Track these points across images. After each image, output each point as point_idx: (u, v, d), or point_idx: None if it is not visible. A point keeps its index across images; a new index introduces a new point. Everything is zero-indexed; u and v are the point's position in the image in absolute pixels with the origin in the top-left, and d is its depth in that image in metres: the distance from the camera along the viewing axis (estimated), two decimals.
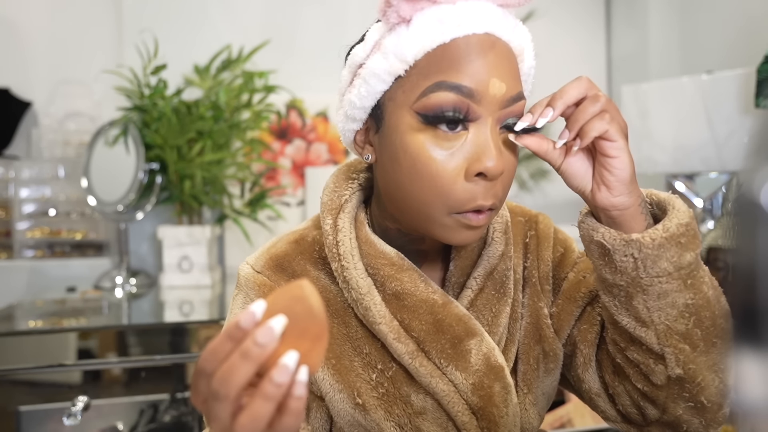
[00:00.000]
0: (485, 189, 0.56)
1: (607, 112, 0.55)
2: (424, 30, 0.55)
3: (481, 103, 0.55)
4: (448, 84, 0.54)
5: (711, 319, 0.58)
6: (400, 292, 0.62)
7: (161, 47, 1.78)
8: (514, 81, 0.57)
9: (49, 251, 2.02)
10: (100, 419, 1.30)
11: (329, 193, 0.66)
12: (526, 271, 0.71)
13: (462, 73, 0.54)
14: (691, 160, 1.92)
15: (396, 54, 0.56)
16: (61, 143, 2.04)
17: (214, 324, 1.36)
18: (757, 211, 0.29)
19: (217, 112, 1.82)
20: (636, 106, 2.05)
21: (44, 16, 2.09)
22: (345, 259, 0.62)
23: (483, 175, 0.55)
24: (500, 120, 0.57)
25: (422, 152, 0.56)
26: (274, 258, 0.68)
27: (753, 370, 0.30)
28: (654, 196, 0.62)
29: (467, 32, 0.55)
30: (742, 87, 1.79)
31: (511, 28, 0.57)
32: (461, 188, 0.56)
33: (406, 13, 0.55)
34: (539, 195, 2.44)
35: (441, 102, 0.55)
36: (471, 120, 0.56)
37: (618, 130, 0.55)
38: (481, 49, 0.55)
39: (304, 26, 2.19)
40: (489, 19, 0.56)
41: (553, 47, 2.47)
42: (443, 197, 0.56)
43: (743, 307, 0.30)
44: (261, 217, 2.00)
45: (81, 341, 1.30)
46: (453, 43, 0.55)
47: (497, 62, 0.55)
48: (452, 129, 0.56)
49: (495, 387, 0.62)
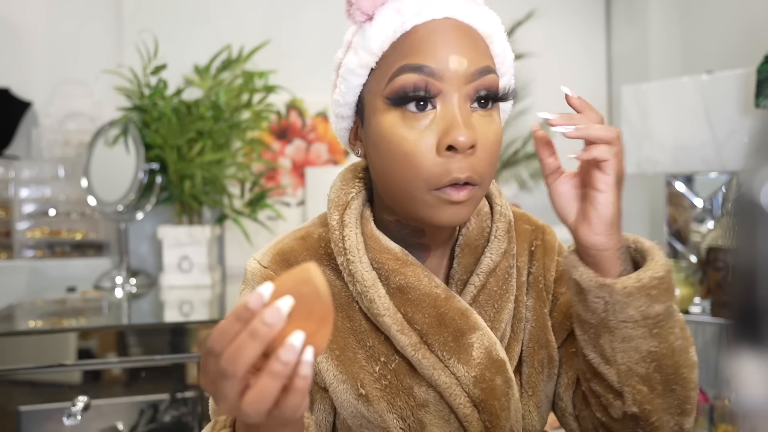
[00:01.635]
0: (459, 162, 0.58)
1: (615, 147, 0.57)
2: (386, 22, 0.59)
3: (444, 79, 0.57)
4: (409, 66, 0.58)
5: (673, 367, 0.60)
6: (404, 286, 0.63)
7: (161, 47, 1.78)
8: (477, 56, 0.59)
9: (49, 251, 2.02)
10: (100, 419, 1.30)
11: (336, 190, 0.68)
12: (531, 276, 0.72)
13: (422, 54, 0.58)
14: (691, 160, 1.92)
15: (364, 48, 0.60)
16: (61, 143, 2.04)
17: (214, 324, 1.36)
18: (757, 211, 0.29)
19: (217, 112, 1.82)
20: (636, 106, 2.05)
21: (44, 16, 2.09)
22: (351, 253, 0.64)
23: (453, 148, 0.57)
24: (468, 95, 0.59)
25: (395, 133, 0.59)
26: (280, 253, 0.69)
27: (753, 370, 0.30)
28: (639, 243, 0.64)
29: (426, 19, 0.58)
30: (742, 87, 1.78)
31: (472, 12, 0.60)
32: (434, 163, 0.58)
33: (368, 9, 0.59)
34: (539, 195, 2.44)
35: (404, 83, 0.58)
36: (436, 96, 0.58)
37: (615, 167, 0.57)
38: (439, 31, 0.58)
39: (304, 26, 2.19)
40: (447, 4, 0.59)
41: (553, 47, 2.47)
42: (420, 174, 0.58)
43: (743, 307, 0.30)
44: (261, 217, 2.00)
45: (81, 341, 1.30)
46: (413, 30, 0.59)
47: (456, 41, 0.58)
48: (421, 109, 0.58)
49: (497, 380, 0.63)
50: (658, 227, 2.31)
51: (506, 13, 2.52)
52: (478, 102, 0.60)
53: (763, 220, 0.29)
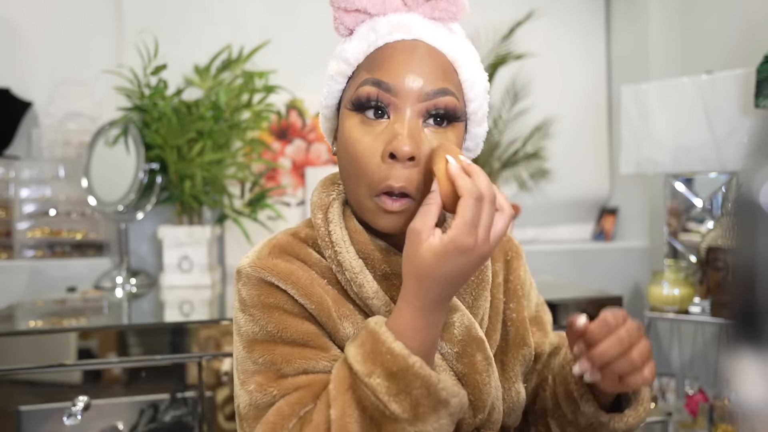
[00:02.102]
0: (397, 170, 0.62)
1: (651, 363, 0.63)
2: (362, 37, 0.66)
3: (399, 95, 0.63)
4: (371, 80, 0.64)
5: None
6: (389, 273, 0.67)
7: (161, 47, 1.78)
8: (434, 77, 0.64)
9: (49, 251, 2.02)
10: (100, 419, 1.30)
11: (318, 193, 0.73)
12: (511, 284, 0.79)
13: (384, 70, 0.64)
14: (691, 160, 1.92)
15: (343, 58, 0.67)
16: (62, 143, 2.05)
17: (214, 324, 1.36)
18: (757, 211, 0.29)
19: (217, 112, 1.82)
20: (636, 106, 2.05)
21: (44, 16, 2.09)
22: (337, 245, 0.67)
23: (394, 156, 0.61)
24: (422, 112, 0.63)
25: (351, 135, 0.65)
26: (277, 246, 0.70)
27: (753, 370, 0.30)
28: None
29: (396, 38, 0.65)
30: (741, 87, 1.78)
31: (442, 38, 0.66)
32: (376, 168, 0.63)
33: (350, 25, 0.67)
34: (539, 195, 2.44)
35: (364, 94, 0.64)
36: (390, 109, 0.64)
37: (651, 379, 0.63)
38: (403, 51, 0.64)
39: (304, 26, 2.19)
40: (417, 28, 0.65)
41: (553, 47, 2.47)
42: (363, 177, 0.63)
43: (743, 307, 0.30)
44: (261, 217, 2.00)
45: (81, 341, 1.30)
46: (384, 47, 0.65)
47: (417, 62, 0.64)
48: (378, 116, 0.64)
49: (477, 356, 0.68)
50: (658, 227, 2.31)
51: (506, 13, 2.53)
52: (433, 119, 0.64)
53: (763, 220, 0.29)
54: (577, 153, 2.57)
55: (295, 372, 0.63)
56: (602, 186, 2.63)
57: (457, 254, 0.55)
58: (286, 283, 0.65)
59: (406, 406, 0.55)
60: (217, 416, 1.36)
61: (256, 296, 0.66)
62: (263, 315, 0.65)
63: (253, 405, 0.62)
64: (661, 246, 2.21)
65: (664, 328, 2.30)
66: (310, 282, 0.66)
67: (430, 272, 0.56)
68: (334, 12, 0.67)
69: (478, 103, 0.68)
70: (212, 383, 1.35)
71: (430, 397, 0.55)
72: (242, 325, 0.66)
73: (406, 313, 0.57)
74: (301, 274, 0.67)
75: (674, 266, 1.97)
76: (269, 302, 0.65)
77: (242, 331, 0.66)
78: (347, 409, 0.56)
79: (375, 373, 0.55)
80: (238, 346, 0.66)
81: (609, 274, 2.36)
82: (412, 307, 0.57)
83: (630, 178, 2.46)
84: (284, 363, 0.63)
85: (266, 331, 0.64)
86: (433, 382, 0.55)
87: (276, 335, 0.64)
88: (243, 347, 0.65)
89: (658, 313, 1.94)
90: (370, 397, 0.55)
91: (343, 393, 0.57)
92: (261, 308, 0.65)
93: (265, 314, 0.65)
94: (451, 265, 0.56)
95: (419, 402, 0.55)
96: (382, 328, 0.58)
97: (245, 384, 0.64)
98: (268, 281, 0.66)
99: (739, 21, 2.07)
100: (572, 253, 2.38)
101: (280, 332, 0.64)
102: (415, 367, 0.55)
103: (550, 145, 2.38)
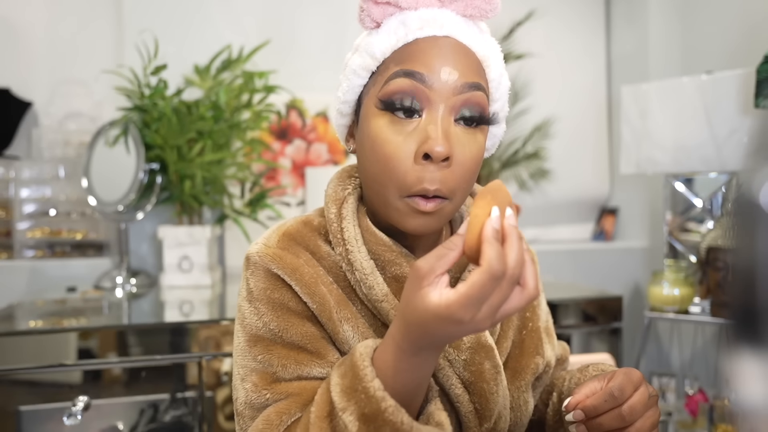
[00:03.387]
0: (431, 172, 0.60)
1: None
2: (391, 31, 0.63)
3: (433, 88, 0.61)
4: (404, 71, 0.61)
5: None
6: (399, 276, 0.66)
7: (161, 47, 1.78)
8: (469, 71, 0.62)
9: (49, 251, 2.02)
10: (100, 419, 1.30)
11: (333, 186, 0.72)
12: None
13: (417, 62, 0.61)
14: (691, 160, 1.92)
15: (368, 52, 0.64)
16: (62, 143, 2.04)
17: (214, 324, 1.36)
18: (757, 211, 0.29)
19: (217, 112, 1.82)
20: (636, 106, 2.05)
21: (44, 16, 2.09)
22: (349, 243, 0.66)
23: (429, 157, 0.60)
24: (455, 107, 0.61)
25: (380, 135, 0.62)
26: (287, 234, 0.70)
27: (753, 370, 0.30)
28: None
29: (428, 34, 0.62)
30: (741, 87, 1.78)
31: (473, 36, 0.64)
32: (410, 169, 0.61)
33: (377, 17, 0.64)
34: (539, 195, 2.44)
35: (398, 88, 0.61)
36: (424, 105, 0.61)
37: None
38: (437, 45, 0.62)
39: (304, 26, 2.19)
40: (449, 24, 0.63)
41: (553, 47, 2.47)
42: (394, 178, 0.61)
43: (743, 307, 0.30)
44: (261, 217, 2.00)
45: (81, 341, 1.30)
46: (414, 42, 0.63)
47: (451, 55, 0.62)
48: (408, 116, 0.62)
49: (485, 365, 0.66)
50: (658, 227, 2.31)
51: (506, 13, 2.53)
52: (464, 120, 0.62)
53: (763, 220, 0.29)
54: (577, 153, 2.57)
55: (289, 376, 0.64)
56: (602, 186, 2.63)
57: (448, 322, 0.50)
58: (290, 277, 0.66)
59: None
60: (217, 416, 1.36)
61: (263, 290, 0.66)
62: (268, 311, 0.65)
63: (249, 404, 0.64)
64: (661, 246, 2.21)
65: (664, 328, 2.30)
66: (314, 280, 0.66)
67: (417, 321, 0.51)
68: (362, 3, 0.64)
69: (501, 103, 0.68)
70: (212, 383, 1.35)
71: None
72: (246, 316, 0.66)
73: (390, 351, 0.54)
74: (306, 270, 0.66)
75: (674, 266, 1.97)
76: (275, 298, 0.66)
77: (246, 322, 0.66)
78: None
79: (348, 410, 0.54)
80: (240, 336, 0.67)
81: (609, 274, 2.36)
82: (396, 348, 0.54)
83: (630, 178, 2.47)
84: (280, 366, 0.64)
85: (269, 329, 0.65)
86: (405, 430, 0.53)
87: (277, 334, 0.65)
88: (245, 340, 0.66)
89: (658, 313, 1.94)
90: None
91: (321, 419, 0.56)
92: (267, 303, 0.65)
93: (270, 311, 0.65)
94: (440, 327, 0.50)
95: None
96: (364, 362, 0.55)
97: (244, 380, 0.65)
98: (274, 273, 0.66)
99: (739, 21, 2.07)
100: (572, 253, 2.38)
101: (281, 332, 0.65)
102: (386, 413, 0.53)
103: (550, 145, 2.38)
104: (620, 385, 0.60)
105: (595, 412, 0.61)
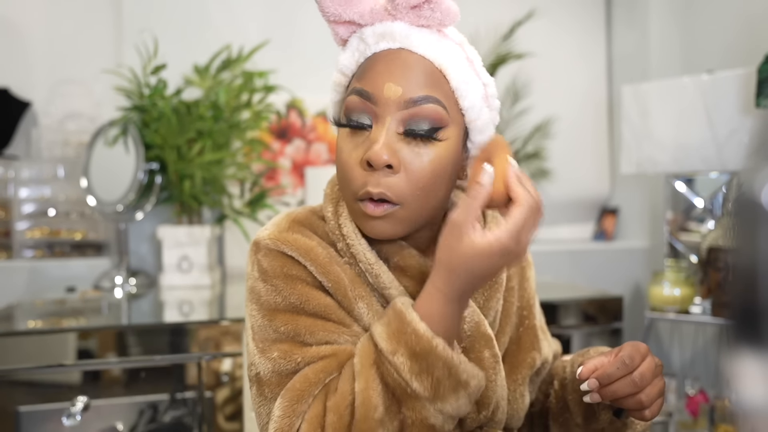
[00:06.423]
0: (375, 177, 0.63)
1: (659, 401, 0.66)
2: (354, 47, 0.67)
3: (378, 104, 0.64)
4: (355, 89, 0.65)
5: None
6: (402, 266, 0.69)
7: (161, 47, 1.78)
8: (416, 85, 0.64)
9: (48, 251, 2.02)
10: (99, 419, 1.30)
11: (331, 185, 0.74)
12: (524, 291, 0.80)
13: (365, 79, 0.65)
14: (691, 160, 1.92)
15: (339, 69, 0.69)
16: (61, 143, 2.04)
17: (213, 324, 1.36)
18: (757, 211, 0.29)
19: (217, 112, 1.82)
20: (636, 106, 2.04)
21: (44, 16, 2.09)
22: (349, 238, 0.68)
23: (371, 165, 0.63)
24: (403, 120, 0.64)
25: (339, 145, 0.67)
26: (296, 220, 0.72)
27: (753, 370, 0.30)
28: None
29: (383, 48, 0.65)
30: (742, 87, 1.78)
31: (429, 45, 0.65)
32: (357, 174, 0.64)
33: (344, 35, 0.68)
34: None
35: (351, 105, 0.65)
36: (373, 120, 0.65)
37: (654, 416, 0.66)
38: (386, 60, 0.65)
39: (304, 26, 2.19)
40: (402, 37, 0.65)
41: (553, 47, 2.47)
42: (347, 183, 0.66)
43: (743, 307, 0.30)
44: (261, 217, 2.00)
45: (81, 341, 1.30)
46: (371, 57, 0.66)
47: (399, 70, 0.64)
48: (361, 129, 0.66)
49: (485, 353, 0.68)
50: (659, 227, 2.31)
51: (506, 13, 2.53)
52: (412, 133, 0.64)
53: (763, 220, 0.29)
54: (577, 153, 2.57)
55: (317, 342, 0.64)
56: (602, 186, 2.63)
57: (499, 254, 0.58)
58: (305, 258, 0.67)
59: (427, 385, 0.57)
60: (216, 417, 1.36)
61: (279, 267, 0.67)
62: (286, 286, 0.66)
63: (276, 372, 0.63)
64: (662, 246, 2.21)
65: (664, 329, 2.30)
66: (329, 260, 0.67)
67: (464, 265, 0.58)
68: (328, 24, 0.67)
69: (477, 111, 0.67)
70: (212, 383, 1.35)
71: (450, 377, 0.58)
72: (263, 295, 0.66)
73: (436, 299, 0.59)
74: (320, 251, 0.68)
75: (675, 266, 1.97)
76: (292, 274, 0.67)
77: (263, 300, 0.66)
78: (371, 383, 0.58)
79: (399, 351, 0.58)
80: (256, 315, 0.67)
81: (609, 274, 2.35)
82: (442, 295, 0.59)
83: (630, 178, 2.46)
84: (307, 334, 0.64)
85: (289, 302, 0.66)
86: (455, 363, 0.58)
87: (299, 306, 0.65)
88: (262, 316, 0.66)
89: (659, 313, 1.94)
90: (393, 374, 0.58)
91: (368, 368, 0.59)
92: (284, 279, 0.66)
93: (288, 285, 0.66)
94: (489, 262, 0.58)
95: (440, 382, 0.57)
96: (408, 309, 0.60)
97: (266, 351, 0.64)
98: (287, 254, 0.67)
99: (740, 20, 2.07)
100: (572, 253, 2.38)
101: (303, 304, 0.65)
102: (438, 349, 0.57)
103: (550, 144, 2.38)
104: (630, 354, 0.64)
105: (608, 380, 0.64)
